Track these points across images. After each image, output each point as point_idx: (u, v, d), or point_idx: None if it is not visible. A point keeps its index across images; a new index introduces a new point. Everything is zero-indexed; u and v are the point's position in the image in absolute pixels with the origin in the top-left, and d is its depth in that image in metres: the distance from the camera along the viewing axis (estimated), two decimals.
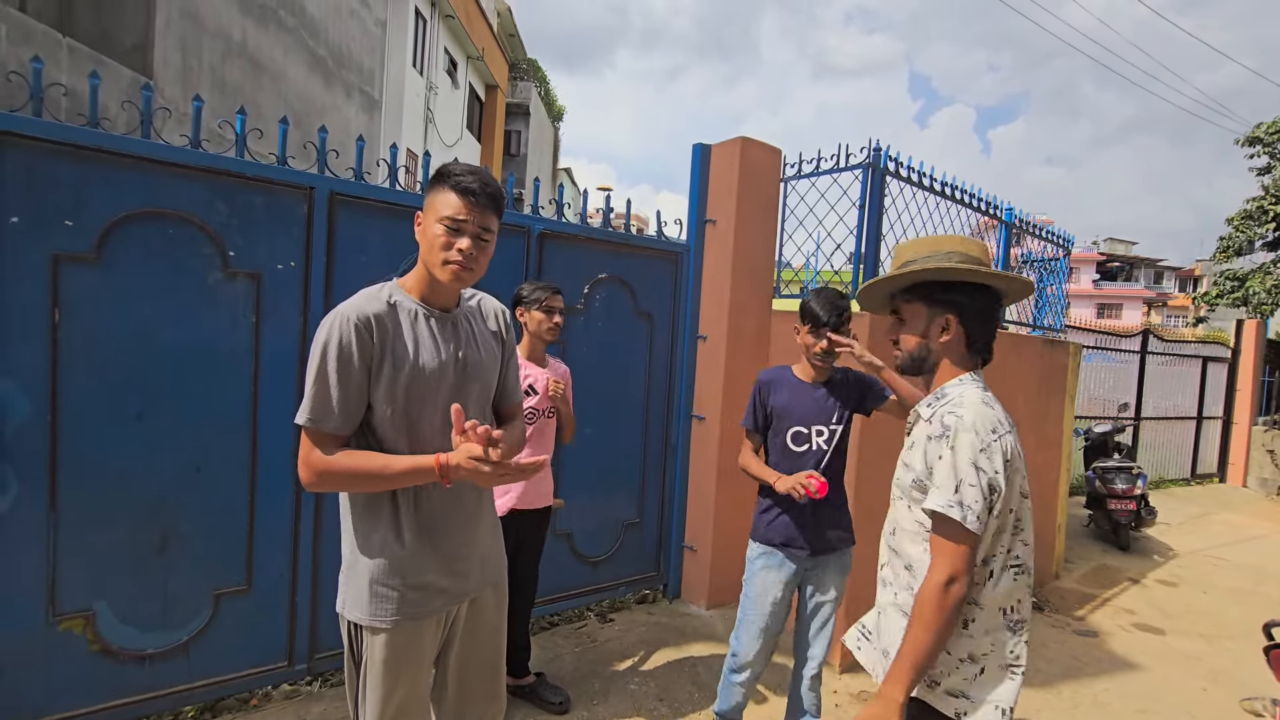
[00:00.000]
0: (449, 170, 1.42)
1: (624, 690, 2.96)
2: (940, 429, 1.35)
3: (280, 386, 2.62)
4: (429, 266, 1.43)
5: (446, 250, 1.39)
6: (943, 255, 1.44)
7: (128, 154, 2.27)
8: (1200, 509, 7.85)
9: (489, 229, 1.43)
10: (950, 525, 1.30)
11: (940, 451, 1.33)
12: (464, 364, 1.48)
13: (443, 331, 1.47)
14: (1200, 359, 9.62)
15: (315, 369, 1.34)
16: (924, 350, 1.46)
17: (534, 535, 2.78)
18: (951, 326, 1.43)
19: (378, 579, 1.42)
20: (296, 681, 2.75)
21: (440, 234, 1.39)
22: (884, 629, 1.48)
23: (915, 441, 1.43)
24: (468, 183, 1.39)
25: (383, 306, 1.40)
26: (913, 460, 1.42)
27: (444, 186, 1.40)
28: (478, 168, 1.43)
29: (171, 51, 5.91)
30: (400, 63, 12.05)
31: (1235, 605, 4.72)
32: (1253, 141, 14.73)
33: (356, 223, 2.77)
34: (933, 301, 1.45)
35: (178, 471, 2.44)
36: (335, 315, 1.36)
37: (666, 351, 3.94)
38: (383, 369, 1.37)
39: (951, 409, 1.37)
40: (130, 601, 2.37)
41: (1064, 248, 5.32)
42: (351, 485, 1.39)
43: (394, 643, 1.44)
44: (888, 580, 1.51)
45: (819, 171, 3.89)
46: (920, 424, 1.45)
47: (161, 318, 2.37)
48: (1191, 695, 3.33)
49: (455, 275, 1.41)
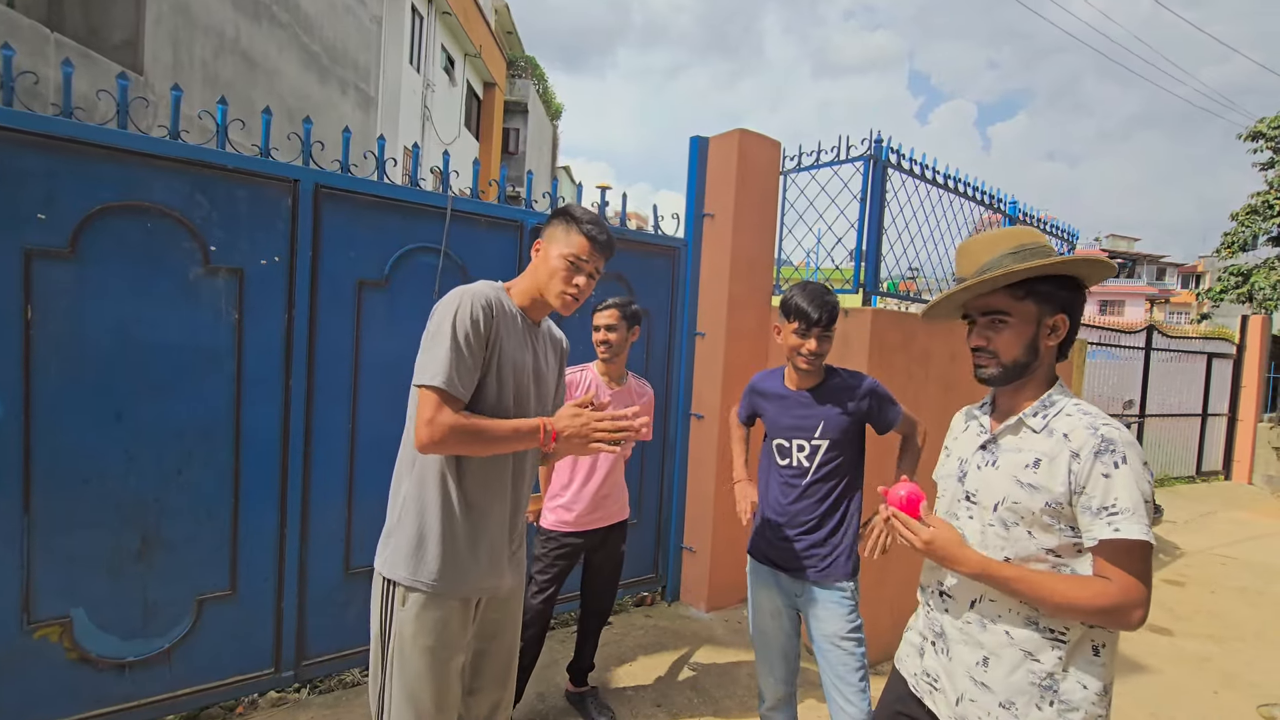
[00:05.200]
0: (579, 216, 1.63)
1: (621, 696, 2.88)
2: (1097, 442, 1.17)
3: (264, 385, 2.54)
4: (542, 289, 1.63)
5: (566, 284, 1.60)
6: (1040, 247, 1.28)
7: (103, 145, 2.19)
8: (1206, 507, 7.76)
9: (600, 269, 1.66)
10: (1139, 551, 1.14)
11: (1105, 469, 1.15)
12: (536, 371, 1.68)
13: (530, 339, 1.67)
14: (1205, 355, 9.54)
15: (447, 335, 1.45)
16: (1029, 357, 1.28)
17: (612, 552, 2.71)
18: (1062, 328, 1.28)
19: (423, 544, 1.52)
20: (284, 689, 2.67)
21: (563, 268, 1.60)
22: (999, 679, 1.25)
23: (1043, 458, 1.22)
24: (596, 233, 1.62)
25: (498, 298, 1.57)
26: (1043, 480, 1.21)
27: (575, 229, 1.61)
28: (598, 216, 1.68)
29: (162, 47, 5.84)
30: (397, 60, 11.97)
31: (1244, 605, 4.63)
32: (1256, 136, 14.62)
33: (344, 217, 2.69)
34: (1045, 300, 1.27)
35: (158, 473, 2.36)
36: (462, 291, 1.52)
37: (664, 349, 3.86)
38: (494, 353, 1.53)
39: (1087, 420, 1.21)
40: (109, 608, 2.30)
41: (1069, 242, 5.23)
42: (471, 445, 1.48)
43: (425, 616, 1.51)
44: (989, 622, 1.27)
45: (819, 164, 3.81)
46: (1033, 436, 1.26)
47: (140, 315, 2.29)
48: (1204, 698, 3.25)
49: (566, 304, 1.62)
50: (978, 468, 1.34)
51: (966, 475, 1.36)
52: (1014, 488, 1.25)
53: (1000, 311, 1.29)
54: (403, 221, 2.83)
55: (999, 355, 1.30)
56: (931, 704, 1.38)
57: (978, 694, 1.28)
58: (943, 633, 1.36)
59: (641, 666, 3.15)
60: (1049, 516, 1.21)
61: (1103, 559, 1.16)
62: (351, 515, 2.77)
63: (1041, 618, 1.23)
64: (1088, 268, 1.28)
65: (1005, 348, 1.29)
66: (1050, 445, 1.23)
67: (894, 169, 3.65)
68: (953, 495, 1.38)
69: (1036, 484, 1.22)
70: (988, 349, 1.31)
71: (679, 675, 3.09)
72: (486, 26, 16.70)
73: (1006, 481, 1.26)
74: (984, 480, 1.31)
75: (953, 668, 1.32)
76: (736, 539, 3.86)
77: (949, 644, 1.34)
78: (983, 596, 1.29)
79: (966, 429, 1.45)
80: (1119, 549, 1.14)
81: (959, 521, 1.35)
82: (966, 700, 1.29)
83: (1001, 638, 1.26)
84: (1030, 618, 1.23)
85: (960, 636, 1.32)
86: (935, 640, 1.38)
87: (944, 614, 1.35)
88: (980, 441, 1.36)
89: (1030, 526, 1.23)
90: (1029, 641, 1.23)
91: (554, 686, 2.89)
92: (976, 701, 1.28)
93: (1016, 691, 1.23)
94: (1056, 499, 1.19)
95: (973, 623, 1.30)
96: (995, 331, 1.30)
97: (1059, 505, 1.20)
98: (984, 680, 1.27)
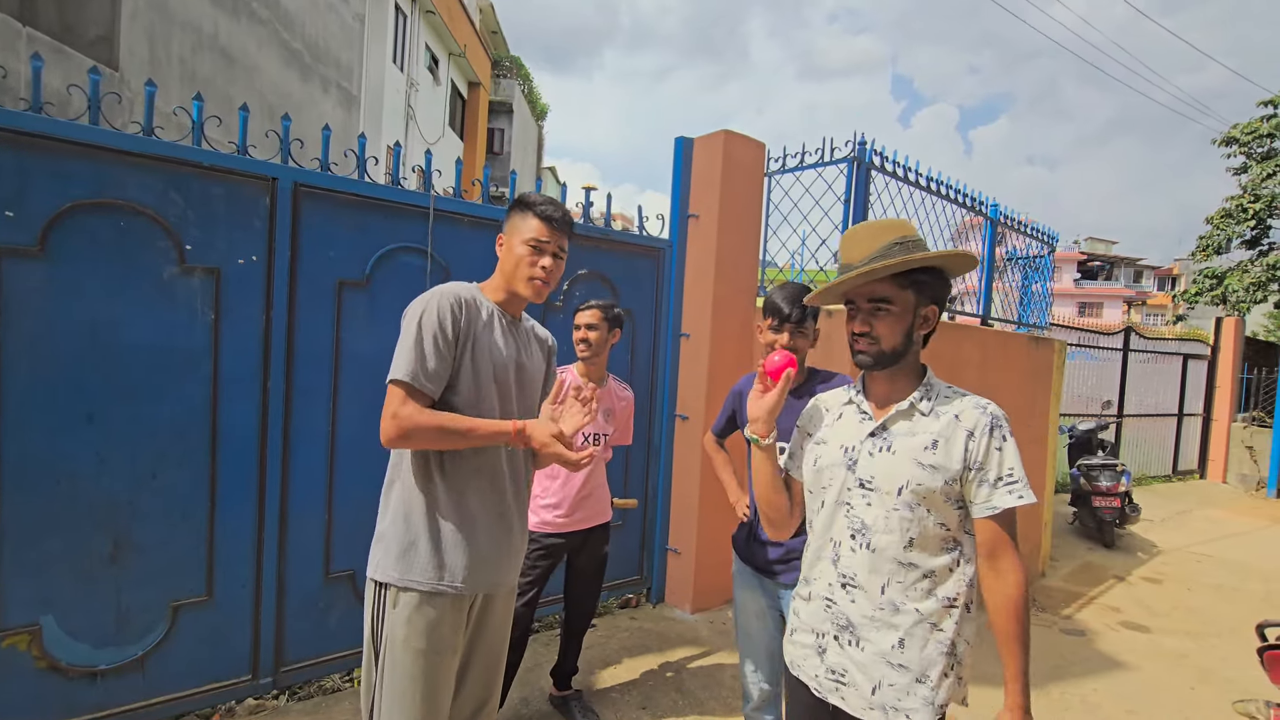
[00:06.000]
0: (531, 200, 1.65)
1: (605, 699, 2.87)
2: (989, 420, 1.28)
3: (242, 387, 2.50)
4: (512, 280, 1.65)
5: (532, 268, 1.62)
6: (915, 239, 1.34)
7: (74, 141, 2.14)
8: (1182, 505, 7.90)
9: (564, 248, 1.67)
10: (1014, 516, 1.27)
11: (998, 443, 1.27)
12: (522, 367, 1.68)
13: (510, 335, 1.67)
14: (1181, 356, 9.71)
15: (413, 334, 1.48)
16: (906, 344, 1.34)
17: (594, 554, 2.70)
18: (933, 318, 1.36)
19: (413, 544, 1.53)
20: (262, 696, 2.62)
21: (526, 254, 1.62)
22: (915, 656, 1.29)
23: (939, 439, 1.29)
24: (550, 211, 1.63)
25: (471, 296, 1.59)
26: (942, 460, 1.28)
27: (529, 213, 1.63)
28: (551, 197, 1.68)
29: (138, 43, 5.74)
30: (380, 58, 11.86)
31: (1220, 602, 4.72)
32: (1229, 141, 14.94)
33: (324, 216, 2.65)
34: (922, 290, 1.33)
35: (132, 476, 2.31)
36: (431, 292, 1.54)
37: (649, 350, 3.85)
38: (467, 349, 1.55)
39: (971, 400, 1.32)
40: (80, 615, 2.24)
41: (1048, 244, 5.30)
42: (436, 440, 1.49)
43: (417, 619, 1.50)
44: (900, 603, 1.30)
45: (803, 166, 3.83)
46: (924, 419, 1.32)
47: (113, 314, 2.24)
48: (1181, 694, 3.30)
49: (537, 290, 1.64)
50: (870, 455, 1.35)
51: (857, 463, 1.36)
52: (916, 470, 1.29)
53: (884, 299, 1.34)
54: (384, 221, 2.80)
55: (880, 341, 1.34)
56: (839, 700, 1.35)
57: (895, 677, 1.29)
58: (849, 624, 1.34)
59: (626, 669, 3.14)
60: (944, 495, 1.29)
61: (998, 525, 1.27)
62: (332, 518, 2.73)
63: (940, 586, 1.30)
64: (957, 261, 1.37)
65: (886, 334, 1.33)
66: (942, 426, 1.30)
67: (877, 171, 3.67)
68: (842, 484, 1.38)
69: (937, 464, 1.28)
70: (870, 334, 1.35)
71: (664, 677, 3.08)
72: (471, 26, 16.61)
73: (908, 465, 1.30)
74: (880, 466, 1.33)
75: (864, 658, 1.32)
76: (721, 541, 3.85)
77: (858, 634, 1.33)
78: (890, 580, 1.31)
79: (841, 416, 1.45)
80: (1013, 514, 1.28)
81: (854, 510, 1.35)
82: (884, 686, 1.30)
83: (913, 615, 1.29)
84: (930, 589, 1.30)
85: (871, 624, 1.32)
86: (839, 634, 1.36)
87: (851, 604, 1.34)
88: (869, 429, 1.37)
89: (930, 505, 1.29)
90: (933, 613, 1.29)
91: (537, 691, 2.87)
92: (895, 685, 1.29)
93: (930, 664, 1.28)
94: (953, 476, 1.28)
95: (885, 608, 1.31)
96: (877, 318, 1.34)
97: (953, 482, 1.28)
98: (901, 661, 1.29)
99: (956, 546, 1.32)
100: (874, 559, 1.32)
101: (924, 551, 1.30)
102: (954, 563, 1.31)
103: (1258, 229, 14.79)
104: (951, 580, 1.30)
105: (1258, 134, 14.50)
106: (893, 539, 1.30)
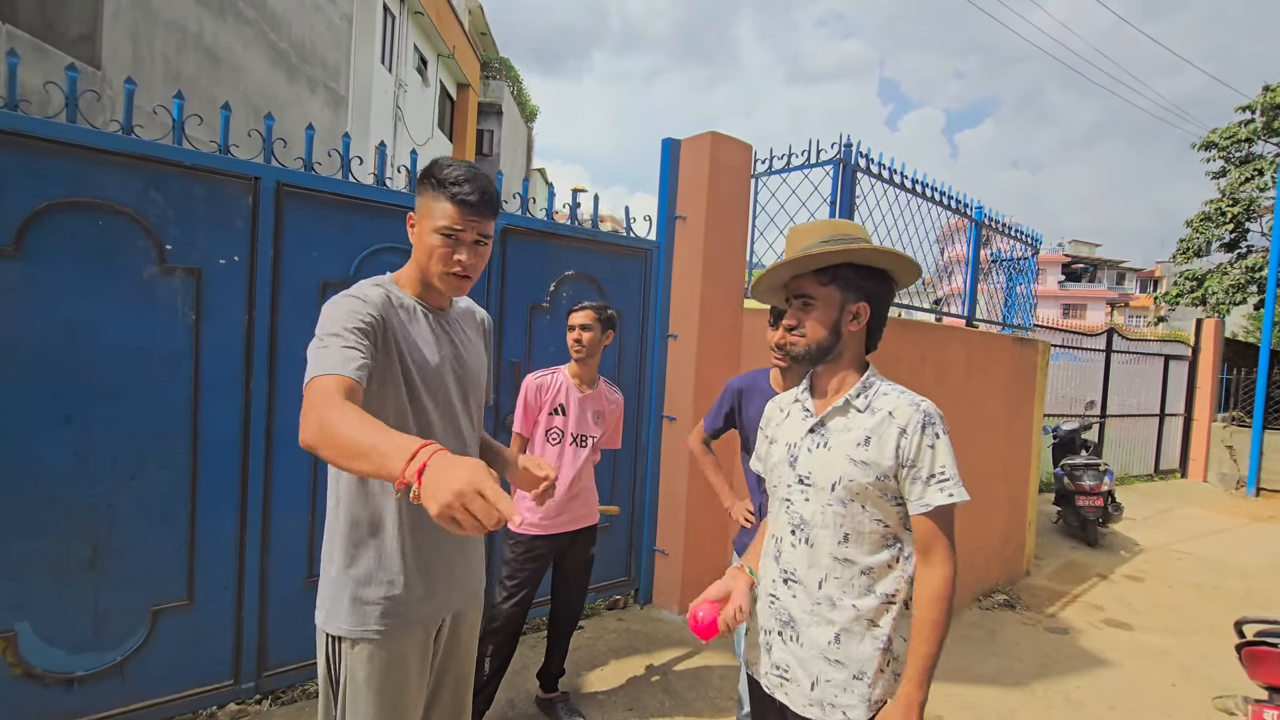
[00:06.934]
0: (444, 177, 1.34)
1: (592, 701, 2.86)
2: (921, 417, 1.28)
3: (223, 388, 2.47)
4: (427, 274, 1.40)
5: (446, 262, 1.37)
6: (852, 238, 1.35)
7: (51, 139, 2.11)
8: (1164, 504, 8.00)
9: (486, 234, 1.40)
10: (949, 514, 1.26)
11: (930, 441, 1.27)
12: (461, 364, 1.48)
13: (441, 330, 1.45)
14: (1162, 357, 9.84)
15: (321, 334, 1.23)
16: (832, 340, 1.36)
17: (581, 556, 2.69)
18: (864, 315, 1.37)
19: (362, 586, 1.34)
20: (244, 701, 2.60)
21: (438, 244, 1.36)
22: (851, 652, 1.29)
23: (872, 436, 1.30)
24: (464, 194, 1.33)
25: (384, 296, 1.35)
26: (874, 456, 1.29)
27: (440, 196, 1.34)
28: (470, 170, 1.36)
29: (121, 42, 5.67)
30: (368, 59, 11.79)
31: (1200, 599, 4.78)
32: (1209, 146, 15.19)
33: (307, 216, 2.63)
34: (848, 287, 1.35)
35: (111, 479, 2.28)
36: (339, 294, 1.33)
37: (636, 351, 3.85)
38: (390, 354, 1.32)
39: (907, 398, 1.32)
40: (57, 620, 2.21)
41: (1032, 246, 5.35)
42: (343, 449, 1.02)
43: (378, 657, 1.34)
44: (837, 599, 1.31)
45: (790, 168, 3.84)
46: (859, 415, 1.33)
47: (91, 315, 2.21)
48: (1162, 691, 3.33)
49: (456, 286, 1.41)
50: (809, 450, 1.37)
51: (798, 460, 1.38)
52: (849, 466, 1.30)
53: (807, 295, 1.37)
54: (369, 221, 2.78)
55: (806, 335, 1.36)
56: (784, 696, 1.36)
57: (833, 673, 1.30)
58: (791, 620, 1.36)
59: (613, 670, 3.13)
60: (878, 491, 1.29)
61: (933, 522, 1.27)
62: (315, 520, 2.70)
63: (878, 583, 1.30)
64: (886, 259, 1.35)
65: (811, 328, 1.36)
66: (876, 423, 1.31)
67: (863, 173, 3.70)
68: (784, 481, 1.41)
69: (868, 460, 1.29)
70: (798, 328, 1.38)
71: (651, 678, 3.08)
72: (460, 27, 16.56)
73: (841, 461, 1.32)
74: (817, 462, 1.35)
75: (804, 653, 1.33)
76: (708, 541, 3.86)
77: (799, 630, 1.34)
78: (828, 575, 1.32)
79: (788, 415, 1.48)
80: (948, 512, 1.27)
81: (794, 506, 1.38)
82: (822, 682, 1.31)
83: (850, 611, 1.30)
84: (869, 586, 1.30)
85: (811, 619, 1.33)
86: (782, 630, 1.37)
87: (792, 599, 1.36)
88: (809, 425, 1.39)
89: (864, 501, 1.30)
90: (871, 610, 1.30)
91: (524, 693, 2.85)
92: (832, 681, 1.30)
93: (866, 661, 1.29)
94: (885, 473, 1.28)
95: (822, 603, 1.32)
96: (804, 313, 1.37)
97: (886, 478, 1.29)
98: (837, 657, 1.30)
99: (896, 543, 1.33)
100: (812, 554, 1.34)
101: (859, 547, 1.31)
102: (893, 559, 1.32)
103: (1236, 232, 15.04)
104: (890, 577, 1.31)
105: (1236, 139, 14.75)
106: (828, 534, 1.33)
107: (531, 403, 2.59)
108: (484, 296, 3.18)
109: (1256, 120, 14.45)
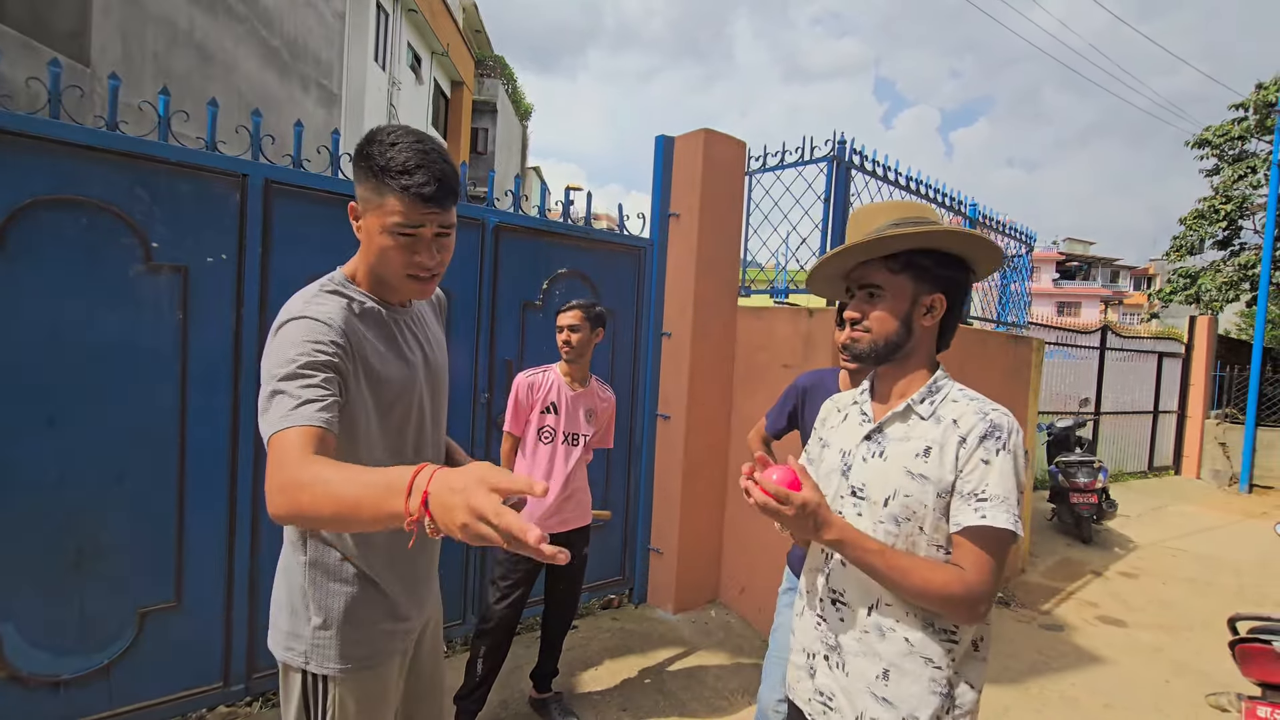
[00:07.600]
0: (388, 163, 1.09)
1: (586, 701, 2.84)
2: (985, 427, 1.11)
3: (211, 388, 2.44)
4: (384, 274, 1.20)
5: (408, 268, 1.17)
6: (926, 220, 1.20)
7: (33, 135, 2.08)
8: (1158, 501, 8.02)
9: (448, 224, 1.18)
10: (988, 537, 1.08)
11: (986, 454, 1.10)
12: (430, 367, 1.33)
13: (404, 331, 1.28)
14: (1156, 355, 9.88)
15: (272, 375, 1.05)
16: (903, 335, 1.19)
17: (576, 556, 2.67)
18: (939, 308, 1.20)
19: (343, 618, 1.21)
20: (234, 703, 2.57)
21: (391, 245, 1.14)
22: (902, 692, 1.14)
23: (933, 447, 1.13)
24: (415, 183, 1.09)
25: (344, 308, 1.15)
26: (934, 470, 1.12)
27: (385, 188, 1.10)
28: (420, 149, 1.10)
29: (111, 39, 5.62)
30: (361, 57, 11.73)
31: (1193, 596, 4.79)
32: (1203, 144, 15.21)
33: (296, 213, 2.60)
34: (922, 276, 1.18)
35: (97, 480, 2.25)
36: (290, 320, 1.11)
37: (630, 349, 3.83)
38: (358, 376, 1.15)
39: (977, 404, 1.15)
40: (42, 623, 2.18)
41: (1027, 244, 5.36)
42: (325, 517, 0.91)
43: (366, 689, 1.24)
44: (887, 629, 1.15)
45: (784, 165, 3.83)
46: (922, 423, 1.17)
47: (76, 314, 2.18)
48: (1156, 688, 3.34)
49: (420, 290, 1.22)
50: (863, 460, 1.22)
51: (851, 469, 1.23)
52: (905, 480, 1.15)
53: (873, 284, 1.21)
54: None
55: (872, 330, 1.21)
56: None
57: (880, 711, 1.15)
58: (837, 645, 1.22)
59: (607, 670, 3.12)
60: (938, 511, 1.13)
61: (965, 546, 1.09)
62: None
63: (937, 618, 1.13)
64: (968, 245, 1.18)
65: (878, 322, 1.20)
66: (939, 432, 1.15)
67: (857, 170, 3.69)
68: (835, 491, 1.26)
69: (928, 474, 1.13)
70: (862, 322, 1.22)
71: (645, 678, 3.06)
72: (454, 25, 16.50)
73: (896, 473, 1.16)
74: (871, 473, 1.20)
75: (850, 684, 1.19)
76: (703, 540, 3.85)
77: (845, 657, 1.20)
78: (879, 600, 1.17)
79: (845, 417, 1.33)
80: (983, 535, 1.08)
81: (844, 518, 1.22)
82: (868, 718, 1.17)
83: (901, 645, 1.14)
84: (927, 619, 1.13)
85: (858, 648, 1.18)
86: (829, 654, 1.23)
87: (840, 623, 1.22)
88: (865, 431, 1.24)
89: (923, 522, 1.14)
90: (927, 646, 1.13)
91: (517, 693, 2.84)
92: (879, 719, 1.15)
93: (919, 704, 1.13)
94: (945, 489, 1.12)
95: (870, 631, 1.17)
96: (870, 305, 1.21)
97: (944, 495, 1.12)
98: (885, 695, 1.15)
99: None
100: (862, 576, 1.16)
101: None
102: None
103: (1229, 230, 15.08)
104: None
105: (1229, 136, 14.79)
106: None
107: (523, 401, 2.57)
108: (475, 294, 3.16)
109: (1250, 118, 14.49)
